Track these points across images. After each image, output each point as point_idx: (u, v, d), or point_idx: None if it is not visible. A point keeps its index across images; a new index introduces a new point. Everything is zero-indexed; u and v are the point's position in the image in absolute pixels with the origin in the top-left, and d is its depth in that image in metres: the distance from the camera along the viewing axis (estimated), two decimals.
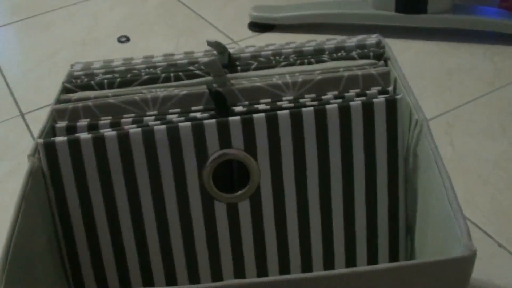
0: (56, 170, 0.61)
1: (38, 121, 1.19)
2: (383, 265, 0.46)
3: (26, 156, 1.09)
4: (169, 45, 1.38)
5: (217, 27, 1.43)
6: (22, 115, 1.21)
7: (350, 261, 0.66)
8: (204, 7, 1.52)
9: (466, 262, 0.47)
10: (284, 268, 0.66)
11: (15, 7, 1.62)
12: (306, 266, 0.66)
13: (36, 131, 1.15)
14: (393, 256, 0.67)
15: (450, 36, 1.32)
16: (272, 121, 0.61)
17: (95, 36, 1.44)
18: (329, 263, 0.66)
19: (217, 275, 0.65)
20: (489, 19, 1.27)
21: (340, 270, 0.46)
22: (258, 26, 1.41)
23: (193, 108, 0.64)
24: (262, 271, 0.66)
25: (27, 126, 1.17)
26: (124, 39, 1.40)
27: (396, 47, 1.30)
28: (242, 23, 1.44)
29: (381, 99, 0.62)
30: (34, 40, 1.46)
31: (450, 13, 1.29)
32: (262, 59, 0.71)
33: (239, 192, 0.63)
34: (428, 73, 1.21)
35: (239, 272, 0.65)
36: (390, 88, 0.65)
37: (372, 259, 0.66)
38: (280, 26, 1.40)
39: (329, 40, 0.72)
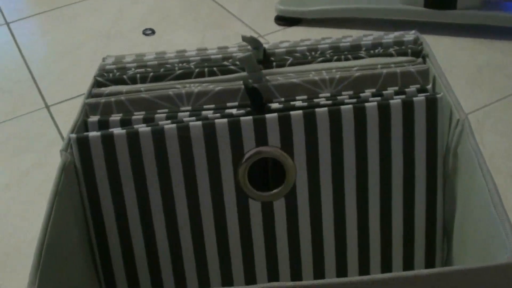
0: (88, 166, 0.60)
1: (63, 113, 1.18)
2: (428, 270, 0.45)
3: (51, 149, 1.09)
4: (194, 38, 1.37)
5: (242, 20, 1.42)
6: (47, 107, 1.20)
7: (386, 262, 0.65)
8: (230, 1, 1.51)
9: None
10: (318, 269, 0.65)
11: None
12: (341, 267, 0.65)
13: (61, 123, 1.14)
14: (429, 258, 0.65)
15: (480, 32, 1.30)
16: (309, 119, 0.59)
17: (120, 29, 1.44)
18: (364, 264, 0.65)
19: (250, 275, 0.64)
20: None
21: (384, 275, 0.45)
22: (285, 20, 1.39)
23: (228, 104, 0.63)
24: (295, 271, 0.64)
25: (52, 118, 1.17)
26: (149, 32, 1.39)
27: None
28: (268, 17, 1.42)
29: (421, 97, 0.60)
30: (59, 32, 1.46)
31: (480, 9, 1.27)
32: (297, 54, 0.69)
33: (275, 191, 0.62)
34: (458, 70, 1.19)
35: (273, 272, 0.64)
36: (429, 87, 0.63)
37: (408, 260, 0.65)
38: (307, 20, 1.39)
39: (366, 36, 0.71)
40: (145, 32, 1.39)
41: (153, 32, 1.39)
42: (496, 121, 1.05)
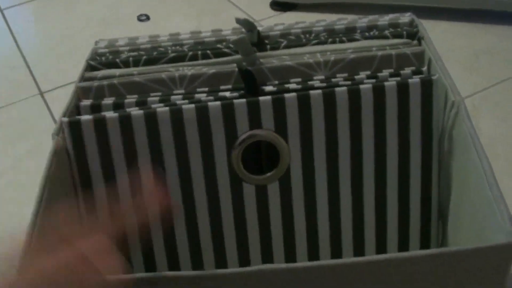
0: (80, 150, 0.60)
1: (58, 100, 1.17)
2: (424, 251, 0.45)
3: (45, 135, 1.08)
4: (190, 24, 1.36)
5: (238, 6, 1.41)
6: (42, 94, 1.20)
7: (381, 245, 0.65)
8: None
9: (509, 250, 0.45)
10: (313, 252, 0.64)
11: None
12: (336, 249, 0.64)
13: (56, 110, 1.14)
14: (424, 240, 0.65)
15: (478, 17, 1.30)
16: (304, 101, 0.59)
17: (115, 15, 1.43)
18: (359, 247, 0.64)
19: (244, 257, 0.64)
20: None
21: (378, 256, 0.45)
22: (280, 5, 1.38)
23: (222, 87, 0.62)
24: (290, 254, 0.64)
25: (47, 105, 1.16)
26: (144, 18, 1.38)
27: None
28: (264, 2, 1.41)
29: (416, 79, 0.59)
30: (53, 18, 1.45)
31: None
32: (292, 37, 0.68)
33: (269, 174, 0.61)
34: (455, 55, 1.19)
35: (267, 255, 0.64)
36: (425, 69, 0.63)
37: (403, 243, 0.65)
38: (303, 5, 1.38)
39: (361, 19, 0.70)
40: (140, 18, 1.38)
41: (148, 18, 1.38)
42: (493, 106, 1.05)
